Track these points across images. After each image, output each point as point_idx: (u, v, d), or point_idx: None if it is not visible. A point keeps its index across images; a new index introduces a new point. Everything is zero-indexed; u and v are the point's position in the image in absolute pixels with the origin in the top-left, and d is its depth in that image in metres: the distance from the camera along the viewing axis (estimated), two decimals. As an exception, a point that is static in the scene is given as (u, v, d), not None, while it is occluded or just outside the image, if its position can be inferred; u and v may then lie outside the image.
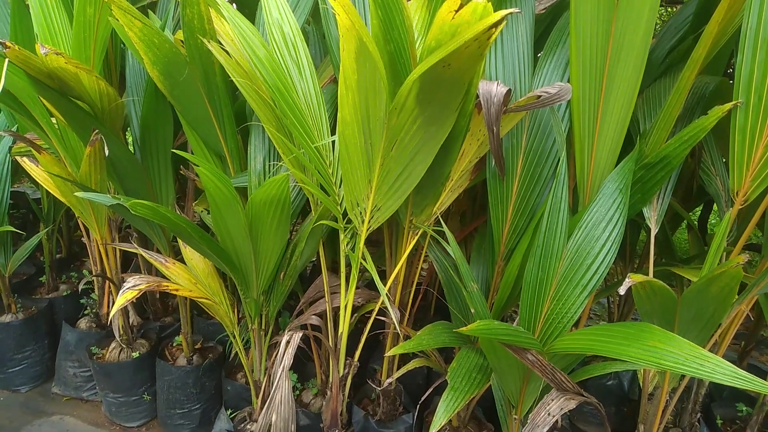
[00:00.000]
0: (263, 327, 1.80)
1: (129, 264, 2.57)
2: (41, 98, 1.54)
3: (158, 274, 1.81)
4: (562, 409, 1.16)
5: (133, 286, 1.37)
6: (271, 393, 1.34)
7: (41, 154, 1.60)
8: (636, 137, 1.63)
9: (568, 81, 1.52)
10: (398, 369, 1.97)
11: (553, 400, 1.18)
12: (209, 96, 1.57)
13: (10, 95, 1.72)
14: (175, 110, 1.72)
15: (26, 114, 1.78)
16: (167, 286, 1.42)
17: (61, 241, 2.78)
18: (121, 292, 1.36)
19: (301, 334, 1.43)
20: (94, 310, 2.35)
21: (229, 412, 1.96)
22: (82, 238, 2.28)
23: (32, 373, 2.37)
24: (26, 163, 2.17)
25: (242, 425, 1.90)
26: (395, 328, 1.86)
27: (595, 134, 1.49)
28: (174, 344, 2.24)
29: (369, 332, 1.65)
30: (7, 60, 1.25)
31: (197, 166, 1.31)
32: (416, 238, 1.65)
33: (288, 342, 1.38)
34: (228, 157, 1.71)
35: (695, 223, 2.19)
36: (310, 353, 2.17)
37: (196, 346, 2.23)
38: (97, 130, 1.50)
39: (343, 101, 1.25)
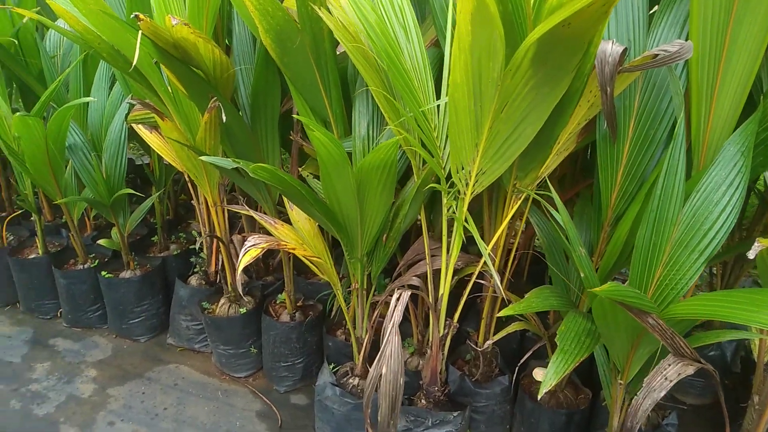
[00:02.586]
0: (365, 286, 1.87)
1: (233, 226, 2.72)
2: (164, 67, 1.63)
3: (262, 234, 1.90)
4: (679, 374, 1.15)
5: (255, 244, 1.46)
6: (382, 347, 1.40)
7: (164, 121, 1.71)
8: (758, 97, 1.53)
9: (686, 38, 1.45)
10: (494, 333, 2.00)
11: (670, 365, 1.16)
12: (317, 62, 1.61)
13: (132, 65, 1.84)
14: (282, 77, 1.79)
15: (145, 83, 1.89)
16: (285, 244, 1.50)
17: (168, 204, 2.97)
18: (243, 249, 1.45)
19: (409, 293, 1.48)
20: (203, 268, 2.52)
21: (331, 367, 2.06)
22: (191, 201, 2.43)
23: (149, 325, 2.58)
24: (141, 129, 2.32)
25: (345, 379, 2.00)
26: (494, 292, 1.88)
27: (714, 95, 1.42)
28: (277, 302, 2.37)
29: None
30: (140, 32, 1.34)
31: (312, 130, 1.36)
32: (519, 202, 1.65)
33: (398, 299, 1.43)
34: (333, 122, 1.76)
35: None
36: (406, 314, 2.23)
37: (298, 304, 2.34)
38: (215, 98, 1.59)
39: (455, 63, 1.26)
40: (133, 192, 2.29)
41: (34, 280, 2.64)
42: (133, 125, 2.33)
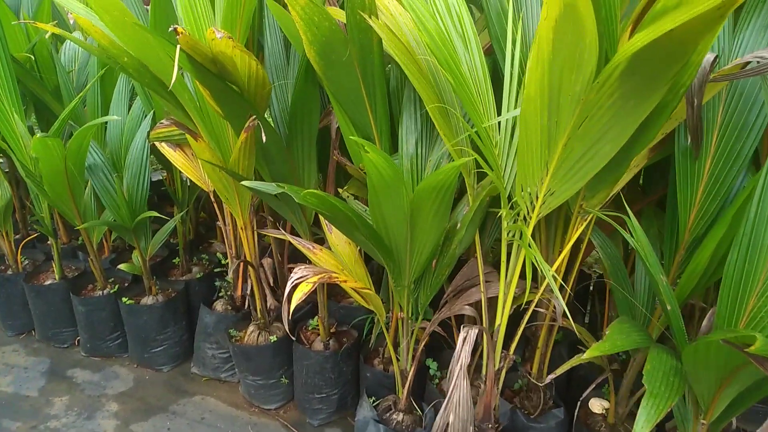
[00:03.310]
0: (410, 315, 1.73)
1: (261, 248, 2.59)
2: (198, 85, 1.51)
3: (308, 265, 1.77)
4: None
5: (303, 277, 1.33)
6: (449, 392, 1.26)
7: (198, 141, 1.58)
8: None
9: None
10: (548, 362, 1.86)
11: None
12: (364, 75, 1.49)
13: (159, 82, 1.72)
14: (321, 92, 1.67)
15: (173, 100, 1.77)
16: (337, 277, 1.37)
17: (189, 224, 2.85)
18: (290, 284, 1.32)
19: (477, 331, 1.34)
20: (229, 293, 2.38)
21: (371, 400, 1.92)
22: (216, 221, 2.30)
23: (172, 353, 2.45)
24: (164, 148, 2.20)
25: (387, 414, 1.86)
26: (553, 320, 1.74)
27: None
28: (309, 328, 2.23)
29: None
30: (178, 48, 1.22)
31: (365, 150, 1.23)
32: (584, 224, 1.52)
33: (465, 339, 1.30)
34: (377, 139, 1.63)
35: None
36: (450, 341, 2.09)
37: (331, 330, 2.21)
38: (254, 117, 1.46)
39: (531, 76, 1.13)
40: (158, 215, 2.16)
41: (51, 307, 2.51)
42: (156, 143, 2.21)
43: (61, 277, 2.55)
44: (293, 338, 2.13)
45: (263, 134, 1.47)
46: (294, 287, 1.27)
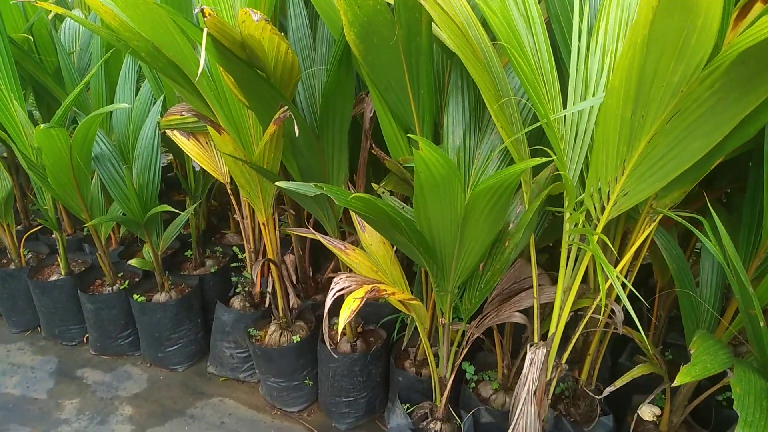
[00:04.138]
0: (451, 321, 1.60)
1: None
2: (223, 72, 1.35)
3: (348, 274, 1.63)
4: None
5: (345, 288, 1.19)
6: (514, 418, 1.13)
7: (221, 134, 1.43)
8: None
9: None
10: (596, 367, 1.74)
11: None
12: (408, 60, 1.32)
13: (175, 67, 1.56)
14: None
15: (190, 87, 1.61)
16: (384, 290, 1.22)
17: (201, 214, 2.70)
18: (331, 295, 1.18)
19: (545, 350, 1.20)
20: (247, 289, 2.25)
21: (405, 407, 1.80)
22: (234, 215, 2.15)
23: (188, 352, 2.32)
24: (177, 136, 2.04)
25: (424, 423, 1.74)
26: (608, 327, 1.61)
27: None
28: (334, 327, 2.10)
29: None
30: (205, 31, 1.05)
31: (416, 146, 1.08)
32: (653, 225, 1.37)
33: (533, 360, 1.16)
34: (418, 130, 1.47)
35: None
36: (485, 340, 1.97)
37: (358, 330, 2.08)
38: (285, 107, 1.30)
39: (620, 63, 0.98)
40: (171, 209, 2.01)
41: (57, 304, 2.38)
42: (167, 131, 2.05)
43: (67, 272, 2.41)
44: (331, 344, 2.00)
45: (296, 126, 1.31)
46: (335, 300, 1.13)
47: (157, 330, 2.24)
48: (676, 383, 1.02)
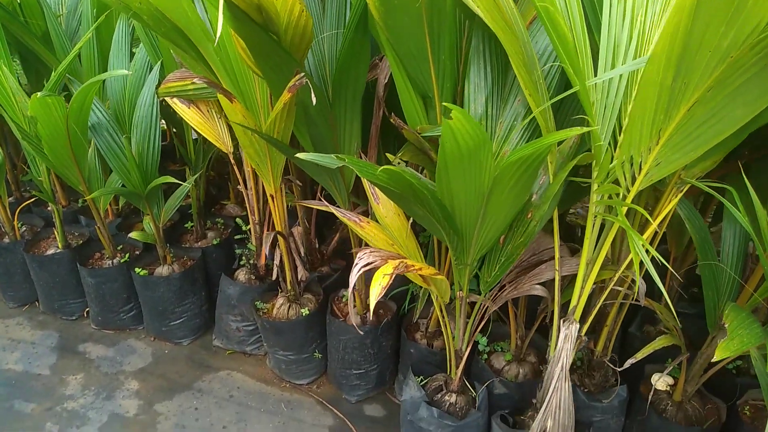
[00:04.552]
0: (468, 294, 1.57)
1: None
2: (235, 37, 1.27)
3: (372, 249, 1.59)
4: None
5: (368, 264, 1.15)
6: (547, 396, 1.11)
7: (233, 103, 1.36)
8: None
9: None
10: (612, 339, 1.73)
11: None
12: (430, 24, 1.26)
13: (179, 32, 1.47)
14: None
15: (194, 53, 1.53)
16: (413, 265, 1.18)
17: (201, 185, 2.62)
18: (355, 272, 1.14)
19: (578, 326, 1.18)
20: (252, 261, 2.20)
21: (419, 380, 1.79)
22: (238, 187, 2.09)
23: (192, 326, 2.29)
24: (177, 104, 1.96)
25: (439, 395, 1.73)
26: (627, 298, 1.59)
27: None
28: (343, 300, 2.07)
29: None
30: (222, -9, 0.98)
31: (448, 113, 1.02)
32: (680, 195, 1.34)
33: (566, 336, 1.14)
34: (436, 97, 1.41)
35: None
36: (502, 314, 1.95)
37: (367, 302, 2.05)
38: (302, 74, 1.24)
39: (665, 28, 0.92)
40: (174, 181, 1.94)
41: (56, 278, 2.32)
42: (167, 99, 1.96)
43: (64, 245, 2.34)
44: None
45: (312, 94, 1.24)
46: (359, 275, 1.09)
47: (160, 304, 2.20)
48: (716, 358, 1.00)
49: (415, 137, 1.46)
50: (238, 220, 2.23)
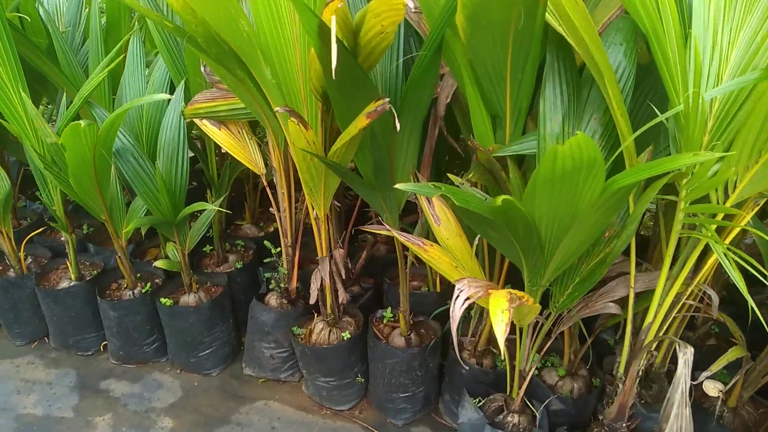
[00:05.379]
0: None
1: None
2: (320, 61, 1.20)
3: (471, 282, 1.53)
4: None
5: (470, 296, 1.10)
6: (668, 422, 1.09)
7: (308, 130, 1.28)
8: None
9: None
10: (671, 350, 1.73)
11: None
12: (515, 43, 1.22)
13: (233, 54, 1.40)
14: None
15: (245, 74, 1.46)
16: (522, 296, 1.14)
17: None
18: (458, 306, 1.09)
19: (691, 350, 1.16)
20: (282, 285, 2.12)
21: (476, 401, 1.75)
22: (269, 209, 2.01)
23: (221, 355, 2.19)
24: (206, 126, 1.88)
25: (500, 417, 1.69)
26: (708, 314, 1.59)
27: None
28: (384, 320, 2.02)
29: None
30: (334, 19, 0.92)
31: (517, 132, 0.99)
32: (755, 209, 1.34)
33: (686, 362, 1.12)
34: (508, 117, 1.38)
35: None
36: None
37: (410, 322, 2.00)
38: (387, 99, 1.18)
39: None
40: (207, 206, 1.85)
41: (71, 312, 2.18)
42: (195, 120, 1.88)
43: (77, 276, 2.21)
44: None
45: (397, 121, 1.19)
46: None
47: (189, 334, 2.10)
48: None
49: (486, 158, 1.43)
50: (266, 242, 2.14)
